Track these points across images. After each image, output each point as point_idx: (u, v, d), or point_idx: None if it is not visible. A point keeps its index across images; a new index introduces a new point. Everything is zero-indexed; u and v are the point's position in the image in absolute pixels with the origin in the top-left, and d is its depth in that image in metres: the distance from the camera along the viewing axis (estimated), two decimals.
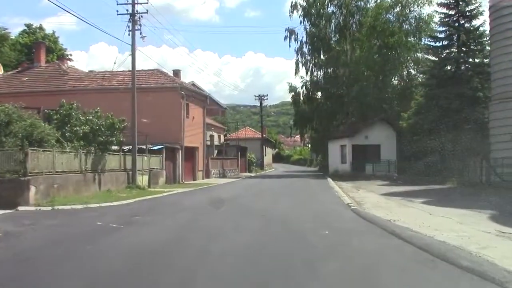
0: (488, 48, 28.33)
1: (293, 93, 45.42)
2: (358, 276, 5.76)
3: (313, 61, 43.51)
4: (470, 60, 29.79)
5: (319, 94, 44.99)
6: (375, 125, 36.72)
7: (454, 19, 29.45)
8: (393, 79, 40.33)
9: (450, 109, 28.11)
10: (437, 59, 30.29)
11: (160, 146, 26.40)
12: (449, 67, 30.25)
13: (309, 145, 61.30)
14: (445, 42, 30.25)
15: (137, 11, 23.10)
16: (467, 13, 29.21)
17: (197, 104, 32.55)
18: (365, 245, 7.57)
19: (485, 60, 28.72)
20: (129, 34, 22.50)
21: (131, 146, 22.10)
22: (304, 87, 44.74)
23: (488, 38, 28.51)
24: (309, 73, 43.93)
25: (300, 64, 44.17)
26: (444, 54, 30.26)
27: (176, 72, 33.20)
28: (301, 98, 44.89)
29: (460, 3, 28.86)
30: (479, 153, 25.53)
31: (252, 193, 20.05)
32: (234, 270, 5.88)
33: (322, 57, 43.24)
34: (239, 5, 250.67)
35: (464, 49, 29.57)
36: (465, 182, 23.34)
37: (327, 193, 21.11)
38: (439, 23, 31.06)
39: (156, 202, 15.87)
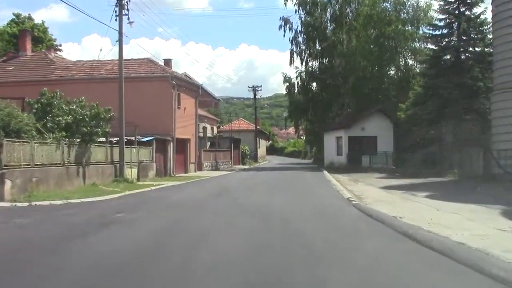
0: (489, 36, 27.48)
1: (287, 84, 44.38)
2: None
3: (308, 51, 42.43)
4: (471, 49, 28.90)
5: (314, 84, 44.02)
6: (372, 116, 35.82)
7: (454, 6, 28.44)
8: (390, 70, 39.38)
9: (450, 99, 27.26)
10: (436, 47, 29.35)
11: (150, 138, 25.36)
12: (448, 56, 29.37)
13: (304, 137, 60.26)
14: (445, 31, 29.28)
15: None
16: (468, 0, 28.25)
17: (188, 95, 31.47)
18: (381, 252, 6.54)
19: (486, 49, 27.92)
20: (116, 19, 21.34)
21: (119, 138, 21.04)
22: (299, 77, 43.74)
23: (489, 26, 27.69)
24: (304, 63, 42.93)
25: (295, 54, 43.14)
26: (444, 43, 29.32)
27: (167, 62, 32.06)
28: (296, 89, 43.86)
29: None
30: (481, 144, 24.83)
31: (246, 187, 19.10)
32: None
33: (317, 47, 42.16)
34: None
35: (464, 38, 28.63)
36: (467, 174, 22.59)
37: (325, 186, 20.22)
38: (438, 11, 30.09)
39: (142, 197, 14.85)
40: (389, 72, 39.49)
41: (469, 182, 19.63)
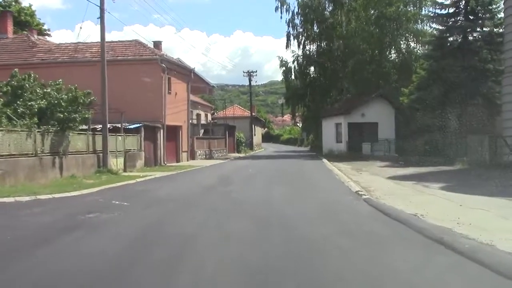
0: (499, 16, 25.85)
1: (284, 68, 42.59)
2: None
3: (305, 34, 40.53)
4: (478, 29, 27.22)
5: (312, 69, 42.26)
6: (373, 101, 34.22)
7: None
8: (391, 53, 37.66)
9: (457, 83, 25.70)
10: (442, 28, 27.62)
11: (138, 125, 23.63)
12: (455, 37, 27.71)
13: (300, 124, 58.55)
14: (451, 10, 27.58)
15: None
16: None
17: (180, 79, 29.66)
18: (417, 271, 4.94)
19: (495, 29, 26.31)
20: None
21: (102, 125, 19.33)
22: (296, 61, 41.98)
23: (498, 5, 26.07)
24: (301, 46, 41.09)
25: (292, 37, 41.28)
26: (450, 23, 27.61)
27: (157, 44, 30.15)
28: (293, 73, 42.11)
29: None
30: (489, 131, 23.40)
31: (241, 178, 17.49)
32: None
33: (315, 29, 40.28)
34: None
35: (472, 17, 26.94)
36: (476, 162, 21.17)
37: (327, 176, 18.67)
38: None
39: (124, 191, 13.17)
40: (390, 56, 37.78)
41: (480, 171, 18.18)
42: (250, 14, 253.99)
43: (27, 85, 15.13)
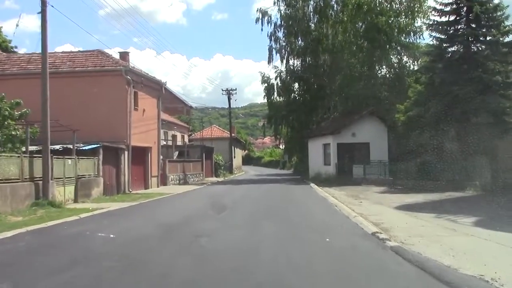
0: (507, 23, 23.24)
1: (266, 85, 39.25)
2: None
3: (288, 48, 37.43)
4: (482, 38, 24.51)
5: (296, 85, 39.08)
6: (364, 120, 31.20)
7: None
8: (381, 68, 34.85)
9: (459, 97, 22.77)
10: (444, 36, 24.83)
11: (95, 146, 19.86)
12: (456, 47, 24.94)
13: (283, 146, 55.12)
14: (452, 17, 24.84)
15: None
16: None
17: (149, 94, 26.08)
18: None
19: (501, 38, 23.65)
20: None
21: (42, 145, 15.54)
22: (278, 78, 38.73)
23: (503, 11, 23.51)
24: (284, 61, 37.88)
25: (274, 51, 38.12)
26: (451, 31, 24.85)
27: (124, 55, 26.57)
28: (276, 90, 38.79)
29: None
30: (497, 151, 20.60)
31: (217, 212, 13.85)
32: None
33: (299, 42, 37.27)
34: (206, 7, 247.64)
35: (475, 25, 24.24)
36: (490, 187, 18.23)
37: (324, 207, 15.22)
38: None
39: (49, 238, 9.36)
40: (380, 71, 34.99)
41: (499, 198, 15.10)
42: (230, 37, 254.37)
43: None
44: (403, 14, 32.44)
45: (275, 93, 38.75)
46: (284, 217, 12.23)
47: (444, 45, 25.07)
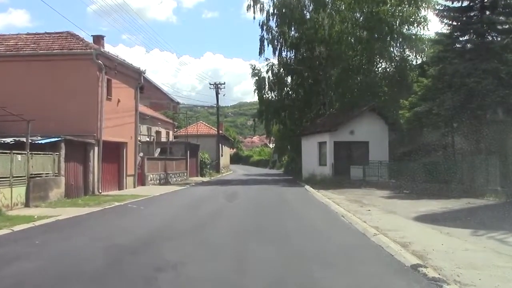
0: None
1: (256, 78, 36.31)
2: None
3: (282, 38, 34.62)
4: (499, 27, 21.99)
5: (289, 79, 36.29)
6: (363, 116, 28.57)
7: None
8: (382, 61, 32.22)
9: (475, 91, 20.23)
10: (457, 23, 22.26)
11: (55, 139, 16.85)
12: (468, 37, 22.43)
13: (273, 144, 52.17)
14: (465, 3, 22.28)
15: None
16: None
17: (125, 83, 23.10)
18: None
19: None
20: None
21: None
22: (270, 71, 35.89)
23: None
24: (277, 52, 35.01)
25: (266, 42, 35.25)
26: (464, 19, 22.31)
27: (98, 38, 23.39)
28: (267, 84, 35.92)
29: None
30: None
31: (195, 223, 11.00)
32: None
33: (293, 32, 34.50)
34: (197, 5, 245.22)
35: (490, 12, 21.74)
36: None
37: (329, 219, 12.45)
38: None
39: None
40: (380, 64, 32.37)
41: None
42: (220, 36, 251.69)
43: None
44: (405, 2, 29.79)
45: (267, 87, 35.89)
46: (281, 236, 9.36)
47: (456, 33, 22.60)
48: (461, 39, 22.61)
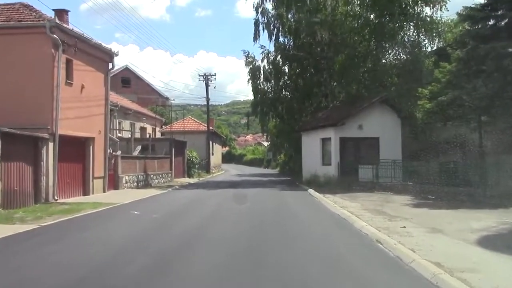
0: None
1: (250, 67, 32.36)
2: None
3: (279, 22, 30.77)
4: None
5: (287, 68, 32.39)
6: (373, 109, 24.82)
7: None
8: (392, 47, 28.42)
9: None
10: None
11: None
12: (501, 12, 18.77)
13: (269, 140, 48.14)
14: None
15: None
16: None
17: (93, 66, 19.10)
18: None
19: None
20: None
21: None
22: (266, 59, 31.98)
23: None
24: (273, 38, 31.08)
25: (261, 27, 31.34)
26: None
27: (61, 13, 19.30)
28: (262, 73, 32.01)
29: None
30: None
31: (157, 259, 7.11)
32: None
33: (292, 15, 30.62)
34: (190, 4, 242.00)
35: None
36: None
37: (358, 245, 8.46)
38: None
39: None
40: (391, 50, 28.58)
41: None
42: (214, 34, 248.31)
43: None
44: None
45: (262, 76, 31.98)
46: (290, 281, 5.48)
47: (488, 7, 18.92)
48: (494, 14, 18.95)
